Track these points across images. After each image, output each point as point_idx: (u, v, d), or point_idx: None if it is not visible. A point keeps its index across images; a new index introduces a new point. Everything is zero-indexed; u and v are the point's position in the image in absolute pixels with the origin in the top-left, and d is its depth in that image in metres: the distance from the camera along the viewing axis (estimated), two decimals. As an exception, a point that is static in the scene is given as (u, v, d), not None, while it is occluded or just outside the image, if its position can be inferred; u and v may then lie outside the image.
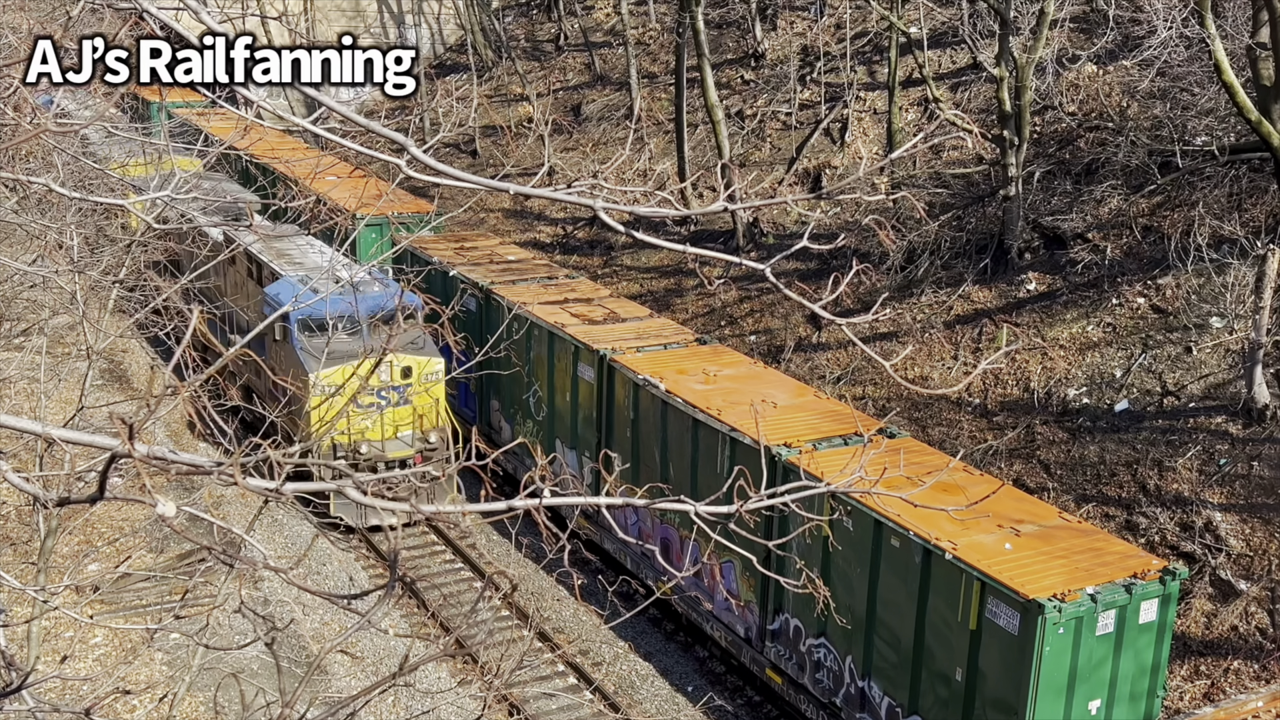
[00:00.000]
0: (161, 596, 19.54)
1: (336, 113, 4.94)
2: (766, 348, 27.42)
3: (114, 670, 17.03)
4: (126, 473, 4.52)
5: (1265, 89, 21.39)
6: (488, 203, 38.95)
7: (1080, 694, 13.70)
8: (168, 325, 12.13)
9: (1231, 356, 20.63)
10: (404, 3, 52.19)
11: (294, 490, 4.36)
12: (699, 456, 18.53)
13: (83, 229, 13.57)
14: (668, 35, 41.87)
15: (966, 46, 29.53)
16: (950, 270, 26.06)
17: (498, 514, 4.60)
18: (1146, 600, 13.86)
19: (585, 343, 21.59)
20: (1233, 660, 17.09)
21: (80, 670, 16.93)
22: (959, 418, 22.98)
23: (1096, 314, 23.21)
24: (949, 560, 14.11)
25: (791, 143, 34.04)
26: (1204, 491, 18.97)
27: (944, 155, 29.58)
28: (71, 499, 4.56)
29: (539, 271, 27.26)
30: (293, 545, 21.57)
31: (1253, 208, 22.90)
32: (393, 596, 6.86)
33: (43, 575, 11.46)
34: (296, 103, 40.91)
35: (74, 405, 9.22)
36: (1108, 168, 25.69)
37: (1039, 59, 25.56)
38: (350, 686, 17.50)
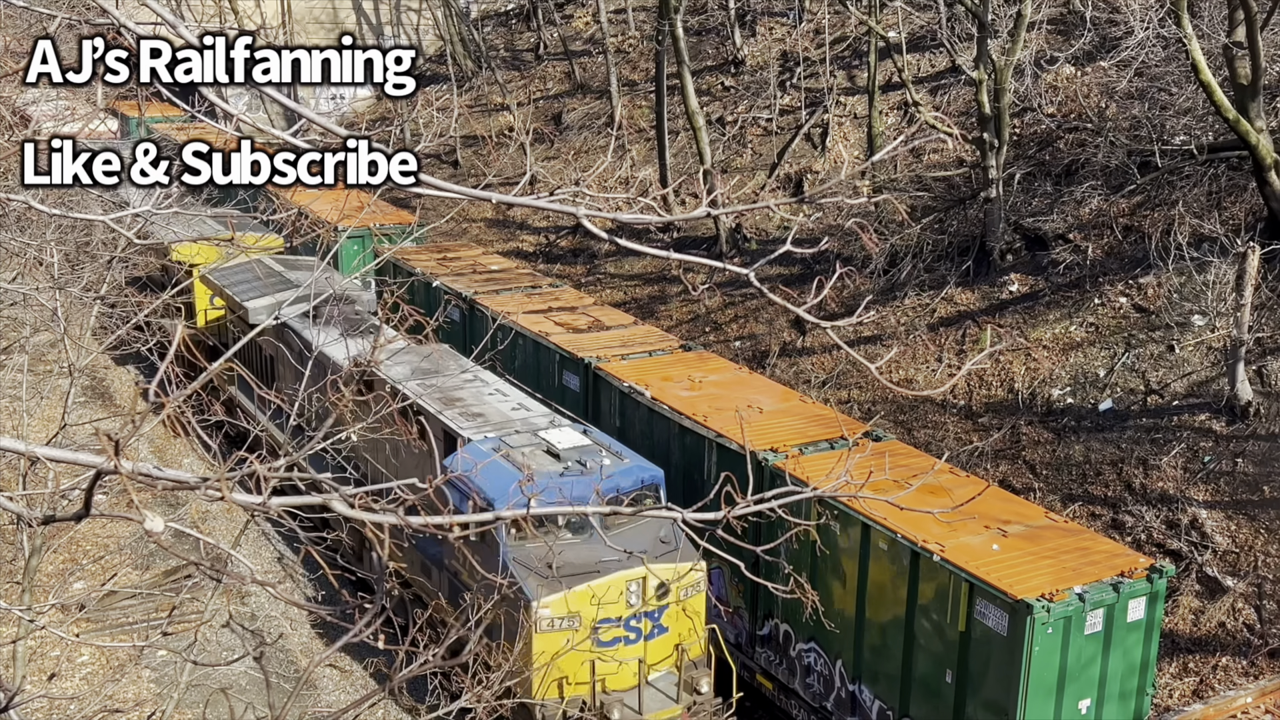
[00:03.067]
0: (148, 613, 19.45)
1: (316, 125, 4.93)
2: (751, 353, 27.44)
3: (101, 689, 16.94)
4: (111, 489, 4.49)
5: (1242, 87, 21.51)
6: (470, 213, 38.91)
7: (1070, 693, 13.73)
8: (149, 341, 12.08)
9: (1214, 354, 20.72)
10: (383, 14, 52.13)
11: (280, 505, 4.34)
12: (686, 463, 18.53)
13: (63, 245, 13.51)
14: (647, 43, 41.92)
15: (945, 50, 29.63)
16: (933, 273, 26.13)
17: (487, 524, 4.59)
18: (1134, 599, 13.90)
19: (570, 351, 21.57)
20: (1221, 657, 17.14)
21: (67, 689, 16.83)
22: (944, 420, 23.03)
23: (1079, 314, 23.29)
24: (937, 562, 14.12)
25: (773, 148, 34.10)
26: (1189, 489, 19.04)
27: (925, 158, 29.67)
28: (57, 517, 4.53)
29: (523, 281, 27.23)
30: (280, 559, 21.48)
31: (1232, 206, 23.02)
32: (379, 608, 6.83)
33: (28, 594, 11.40)
34: (276, 115, 40.85)
35: (57, 423, 9.18)
36: (1088, 168, 25.80)
37: (1017, 61, 25.65)
38: (339, 700, 17.44)
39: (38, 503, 7.89)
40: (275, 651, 17.73)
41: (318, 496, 4.57)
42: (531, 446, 16.43)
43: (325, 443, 5.87)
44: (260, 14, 47.14)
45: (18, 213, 13.30)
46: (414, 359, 19.29)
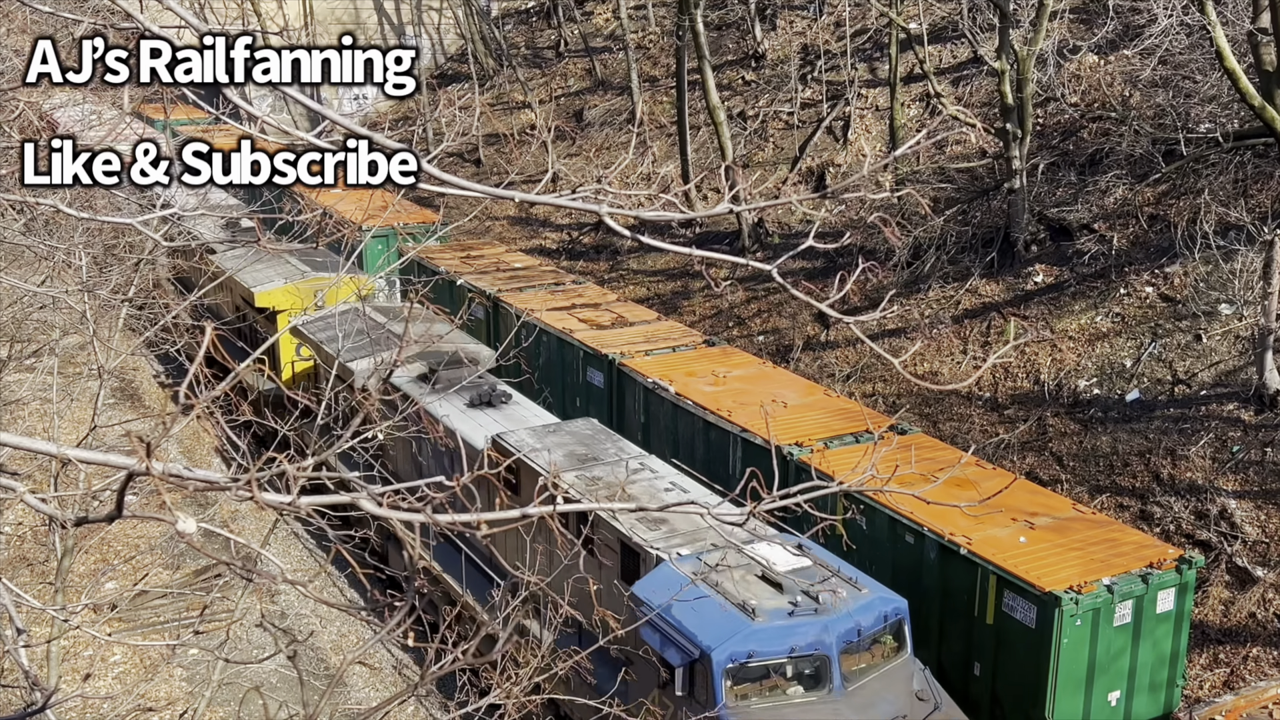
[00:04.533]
0: (179, 613, 19.60)
1: (340, 125, 4.96)
2: (775, 348, 27.41)
3: (135, 688, 17.08)
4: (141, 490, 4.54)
5: (1268, 74, 21.35)
6: (493, 211, 39.00)
7: (1100, 685, 13.68)
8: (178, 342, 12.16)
9: (1241, 343, 20.58)
10: (404, 13, 52.28)
11: (309, 504, 4.38)
12: (711, 458, 18.54)
13: (91, 248, 13.61)
14: (667, 38, 41.89)
15: (967, 40, 29.51)
16: (957, 265, 26.04)
17: (513, 522, 4.62)
18: (1163, 590, 13.83)
19: (594, 348, 21.60)
20: (1251, 647, 17.03)
21: (101, 689, 16.99)
22: (970, 412, 22.95)
23: (1105, 304, 23.17)
24: (964, 555, 14.09)
25: (794, 142, 34.04)
26: (1218, 479, 18.92)
27: (947, 150, 29.56)
28: (89, 518, 4.59)
29: (546, 278, 27.29)
30: (310, 557, 21.62)
31: (1258, 193, 22.85)
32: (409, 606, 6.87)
33: (61, 595, 11.51)
34: (300, 116, 41.04)
35: (87, 425, 9.26)
36: (1112, 158, 25.65)
37: (1039, 51, 25.52)
38: (369, 698, 17.55)
39: (70, 504, 7.97)
40: (306, 649, 17.84)
41: (345, 495, 4.60)
42: (742, 569, 12.78)
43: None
44: (283, 15, 47.36)
45: (46, 216, 13.41)
46: (565, 439, 16.29)
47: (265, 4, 46.87)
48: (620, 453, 16.02)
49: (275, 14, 46.97)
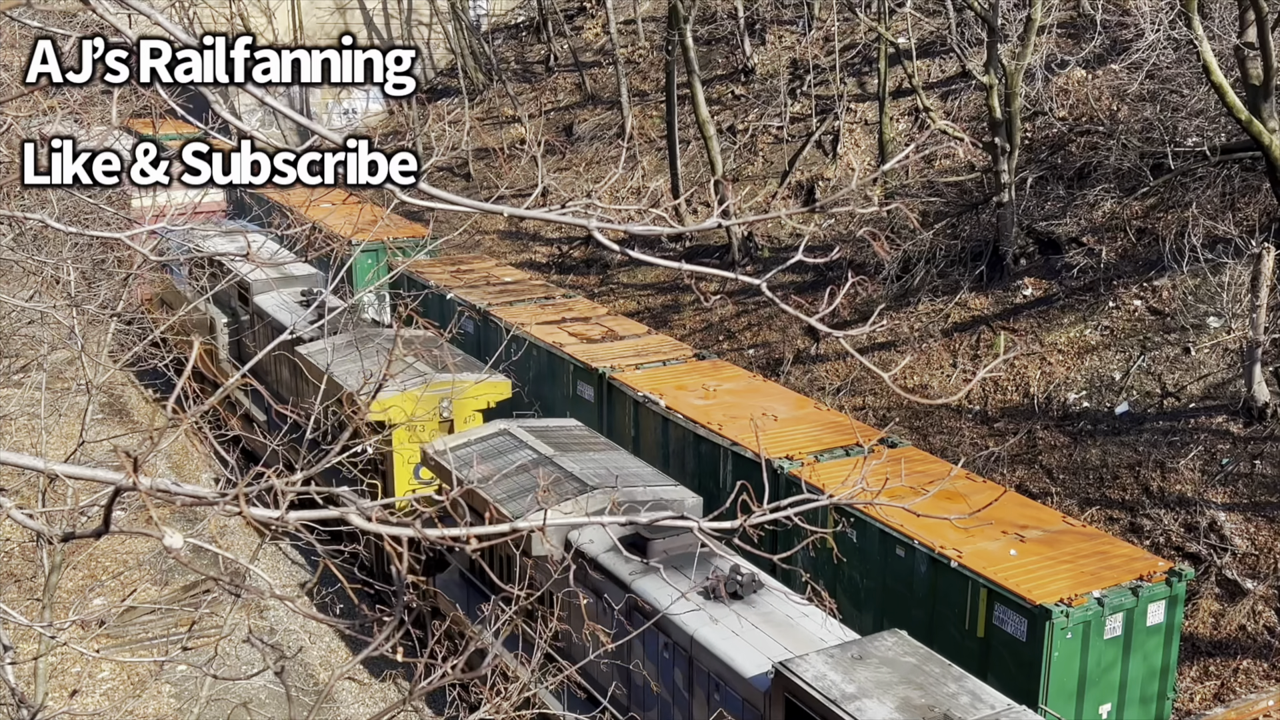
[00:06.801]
0: (168, 629, 19.52)
1: (328, 140, 4.96)
2: (765, 361, 27.42)
3: (123, 704, 16.99)
4: (130, 505, 4.52)
5: (1254, 88, 21.45)
6: (483, 225, 39.00)
7: (1090, 698, 13.67)
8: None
9: (1230, 356, 20.64)
10: (394, 28, 52.34)
11: (297, 519, 4.36)
12: (701, 472, 18.52)
13: (79, 264, 13.59)
14: (657, 53, 41.98)
15: (955, 55, 29.61)
16: (946, 278, 26.09)
17: (504, 537, 4.61)
18: (1153, 602, 13.84)
19: (584, 361, 21.59)
20: (1242, 660, 17.05)
21: (89, 705, 16.90)
22: (959, 425, 22.98)
23: (1094, 317, 23.23)
24: (955, 568, 14.09)
25: (784, 156, 34.11)
26: (1207, 492, 18.96)
27: (936, 164, 29.64)
28: (77, 534, 4.56)
29: (536, 292, 27.29)
30: (298, 573, 21.54)
31: (1246, 207, 22.94)
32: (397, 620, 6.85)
33: (48, 611, 11.45)
34: (289, 131, 41.01)
35: (75, 440, 9.23)
36: (1100, 171, 25.74)
37: (1028, 65, 25.63)
38: (357, 713, 17.47)
39: (57, 520, 7.93)
40: (294, 665, 17.77)
41: (334, 510, 4.59)
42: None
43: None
44: (272, 30, 47.39)
45: (35, 231, 13.39)
46: (882, 675, 11.77)
47: (255, 20, 46.90)
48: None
49: (265, 29, 46.97)
